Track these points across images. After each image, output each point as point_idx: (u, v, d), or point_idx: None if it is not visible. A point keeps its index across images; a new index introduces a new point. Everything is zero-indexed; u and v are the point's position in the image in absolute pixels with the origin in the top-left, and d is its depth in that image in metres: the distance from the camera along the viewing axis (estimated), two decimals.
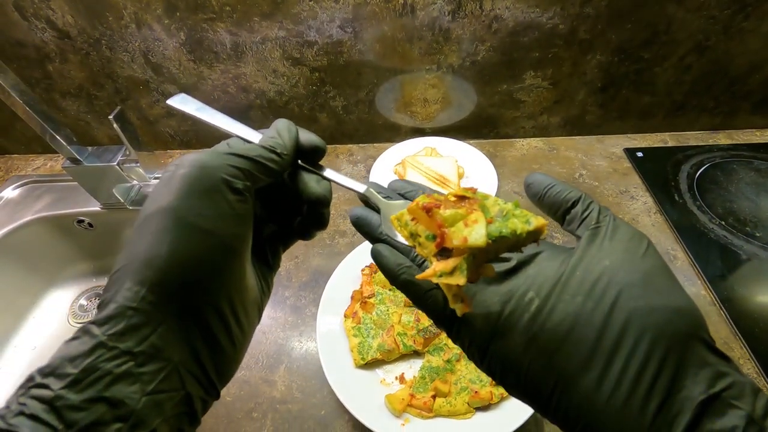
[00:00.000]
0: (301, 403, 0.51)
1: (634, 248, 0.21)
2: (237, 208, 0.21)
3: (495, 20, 0.67)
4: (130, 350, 0.18)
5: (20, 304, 0.78)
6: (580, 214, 0.24)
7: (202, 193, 0.20)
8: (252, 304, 0.23)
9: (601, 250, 0.22)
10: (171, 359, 0.19)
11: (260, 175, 0.23)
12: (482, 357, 0.23)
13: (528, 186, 0.26)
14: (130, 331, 0.18)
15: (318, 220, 0.27)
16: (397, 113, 0.82)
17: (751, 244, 0.63)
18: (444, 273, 0.19)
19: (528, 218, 0.20)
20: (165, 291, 0.19)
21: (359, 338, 0.53)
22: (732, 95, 0.78)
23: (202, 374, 0.20)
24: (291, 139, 0.25)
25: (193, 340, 0.20)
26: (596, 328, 0.20)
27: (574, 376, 0.20)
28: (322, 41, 0.69)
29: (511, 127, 0.84)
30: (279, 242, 0.28)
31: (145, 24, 0.67)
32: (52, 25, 0.68)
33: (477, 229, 0.19)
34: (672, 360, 0.18)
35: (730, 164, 0.76)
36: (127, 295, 0.18)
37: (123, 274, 0.19)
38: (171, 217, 0.19)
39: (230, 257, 0.21)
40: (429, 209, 0.21)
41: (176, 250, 0.19)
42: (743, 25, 0.67)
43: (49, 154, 0.90)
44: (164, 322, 0.19)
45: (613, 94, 0.77)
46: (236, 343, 0.22)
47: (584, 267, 0.21)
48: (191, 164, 0.21)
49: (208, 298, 0.20)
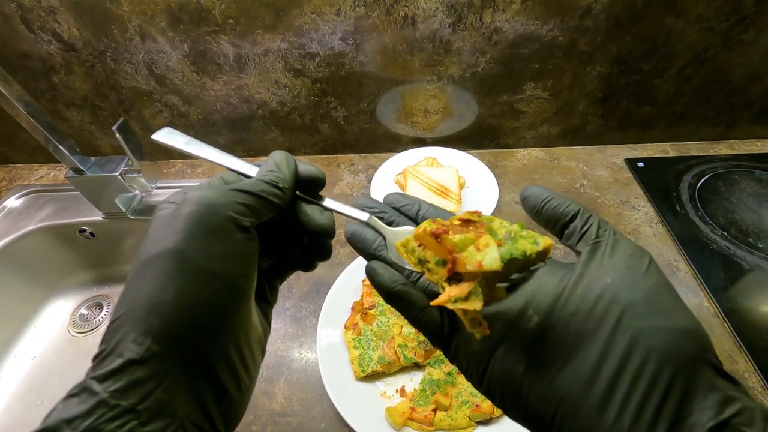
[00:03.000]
0: (300, 415, 0.51)
1: (636, 264, 0.21)
2: (244, 247, 0.20)
3: (495, 32, 0.67)
4: (134, 408, 0.16)
5: (21, 313, 0.78)
6: (579, 229, 0.23)
7: (210, 233, 0.19)
8: (257, 345, 0.23)
9: (601, 267, 0.21)
10: (176, 414, 0.17)
11: (264, 210, 0.22)
12: (480, 379, 0.22)
13: (525, 199, 0.26)
14: (134, 386, 0.17)
15: (321, 251, 0.27)
16: (398, 123, 0.83)
17: (754, 254, 0.63)
18: (459, 299, 0.19)
19: (535, 239, 0.20)
20: (171, 340, 0.18)
21: (360, 350, 0.53)
22: (732, 106, 0.78)
23: (209, 426, 0.19)
24: (290, 172, 0.24)
25: (200, 390, 0.19)
26: (599, 349, 0.19)
27: (577, 400, 0.19)
28: (323, 53, 0.70)
29: (512, 137, 0.84)
30: (276, 276, 0.27)
31: (150, 36, 0.68)
32: (58, 38, 0.69)
33: (490, 253, 0.19)
34: (679, 384, 0.18)
35: (732, 174, 0.76)
36: (131, 347, 0.17)
37: (125, 322, 0.18)
38: (177, 260, 0.18)
39: (238, 299, 0.20)
40: (438, 235, 0.21)
41: (183, 294, 0.18)
42: (742, 37, 0.67)
43: (52, 163, 0.90)
44: (170, 373, 0.17)
45: (613, 104, 0.78)
46: (243, 388, 0.21)
47: (585, 284, 0.21)
48: (198, 202, 0.20)
49: (216, 344, 0.19)
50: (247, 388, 0.22)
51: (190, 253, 0.19)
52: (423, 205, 0.28)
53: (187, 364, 0.18)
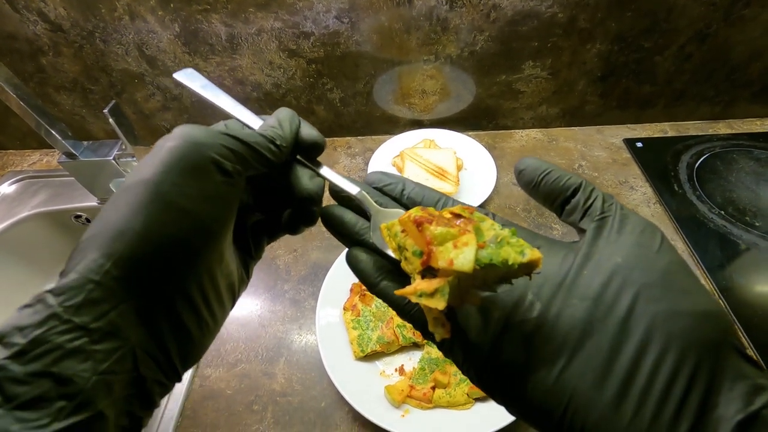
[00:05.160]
0: (301, 395, 0.51)
1: (648, 242, 0.19)
2: (222, 191, 0.20)
3: (493, 9, 0.66)
4: (86, 325, 0.16)
5: (17, 300, 0.77)
6: (582, 204, 0.21)
7: (188, 171, 0.19)
8: (226, 291, 0.22)
9: (609, 245, 0.19)
10: (128, 339, 0.17)
11: (255, 162, 0.21)
12: (479, 374, 0.20)
13: (520, 173, 0.23)
14: (89, 305, 0.17)
15: (307, 216, 0.25)
16: (395, 105, 0.81)
17: (751, 233, 0.63)
18: (424, 293, 0.18)
19: (523, 249, 0.18)
20: (132, 267, 0.17)
21: (359, 330, 0.53)
22: (732, 84, 0.77)
23: (164, 359, 0.19)
24: (291, 132, 0.23)
25: (158, 323, 0.19)
26: (611, 338, 0.17)
27: (588, 395, 0.17)
28: (318, 32, 0.69)
29: (510, 118, 0.83)
30: (264, 233, 0.27)
31: (139, 16, 0.66)
32: (45, 18, 0.67)
33: (466, 253, 0.18)
34: (704, 373, 0.16)
35: (730, 154, 0.76)
36: (90, 266, 0.17)
37: (90, 244, 0.18)
38: (151, 192, 0.18)
39: (208, 241, 0.20)
40: (420, 223, 0.19)
41: (151, 226, 0.18)
42: (744, 12, 0.66)
43: (44, 149, 0.89)
44: (127, 300, 0.17)
45: (612, 83, 0.77)
46: (205, 329, 0.21)
47: (592, 266, 0.19)
48: (182, 137, 0.19)
49: (178, 281, 0.19)
50: (210, 331, 0.21)
51: (165, 186, 0.18)
52: (408, 185, 0.26)
53: (145, 295, 0.18)
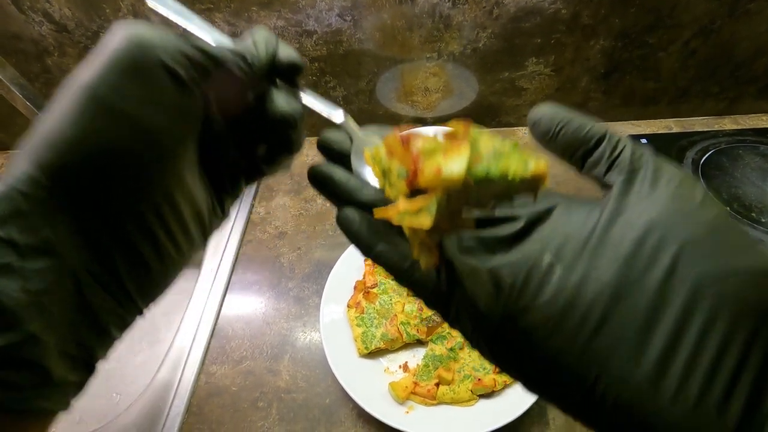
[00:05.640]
0: (305, 392, 0.51)
1: (687, 195, 0.16)
2: (174, 100, 0.18)
3: (496, 6, 0.65)
4: (12, 239, 0.15)
5: None
6: (608, 155, 0.18)
7: (131, 73, 0.17)
8: (192, 220, 0.20)
9: (642, 200, 0.16)
10: (64, 258, 0.16)
11: (217, 75, 0.19)
12: (490, 345, 0.18)
13: (534, 124, 0.20)
14: (15, 216, 0.15)
15: (284, 143, 0.23)
16: (398, 103, 0.81)
17: (756, 229, 0.63)
18: (408, 212, 0.16)
19: (527, 160, 0.16)
20: (64, 177, 0.16)
21: (362, 328, 0.54)
22: (737, 80, 0.76)
23: (115, 286, 0.18)
24: (267, 53, 0.21)
25: (106, 246, 0.17)
26: (648, 303, 0.15)
27: (622, 369, 0.15)
28: (321, 30, 0.69)
29: (513, 115, 0.83)
30: (241, 171, 0.24)
31: (142, 15, 0.67)
32: (50, 18, 0.67)
33: (456, 161, 0.15)
34: (761, 343, 0.14)
35: (736, 150, 0.75)
36: (18, 176, 0.16)
37: (20, 156, 0.16)
38: (87, 96, 0.16)
39: (160, 155, 0.18)
40: (407, 140, 0.17)
41: (85, 131, 0.16)
42: (749, 6, 0.66)
43: None
44: (62, 215, 0.16)
45: (616, 80, 0.76)
46: (167, 260, 0.19)
47: (623, 222, 0.16)
48: (125, 38, 0.17)
49: (126, 198, 0.17)
50: (174, 263, 0.20)
51: (102, 89, 0.16)
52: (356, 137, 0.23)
53: (84, 210, 0.17)
